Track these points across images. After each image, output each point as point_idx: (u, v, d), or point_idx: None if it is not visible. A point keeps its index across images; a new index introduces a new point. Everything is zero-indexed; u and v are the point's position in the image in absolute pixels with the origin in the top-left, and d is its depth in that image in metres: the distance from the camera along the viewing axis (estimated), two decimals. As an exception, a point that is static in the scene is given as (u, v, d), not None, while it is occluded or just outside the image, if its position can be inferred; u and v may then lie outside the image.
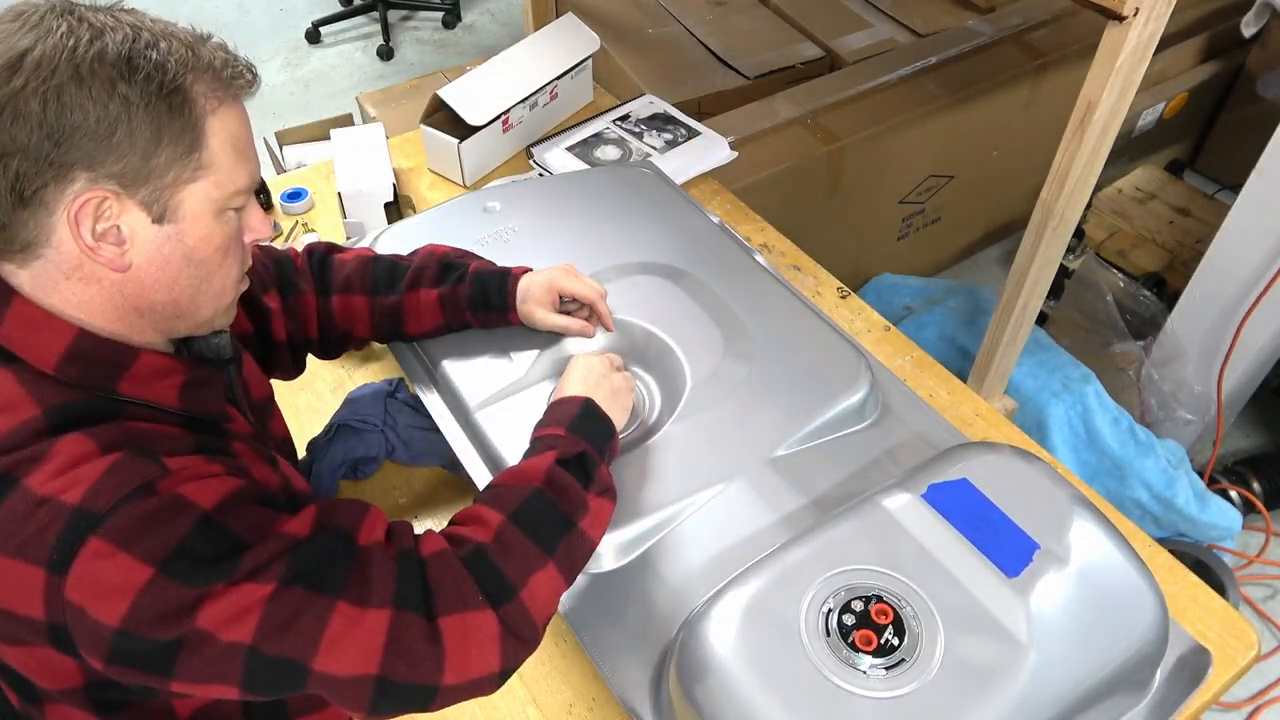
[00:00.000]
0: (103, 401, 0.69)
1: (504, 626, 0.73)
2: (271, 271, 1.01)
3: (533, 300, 1.07)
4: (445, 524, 0.81)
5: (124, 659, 0.63)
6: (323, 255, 1.07)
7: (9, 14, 0.65)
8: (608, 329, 1.11)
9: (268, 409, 0.95)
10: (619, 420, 0.97)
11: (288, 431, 0.99)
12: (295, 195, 1.60)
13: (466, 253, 1.12)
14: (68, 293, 0.68)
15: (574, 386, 0.96)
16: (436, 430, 1.16)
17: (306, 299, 1.03)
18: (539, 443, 0.90)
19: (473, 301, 1.06)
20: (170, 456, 0.67)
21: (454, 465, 1.18)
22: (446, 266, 1.07)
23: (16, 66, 0.61)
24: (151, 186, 0.66)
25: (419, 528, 1.11)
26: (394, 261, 1.07)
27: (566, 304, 1.10)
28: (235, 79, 0.70)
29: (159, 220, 0.67)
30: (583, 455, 0.87)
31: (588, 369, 0.98)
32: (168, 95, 0.65)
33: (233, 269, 0.74)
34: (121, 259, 0.67)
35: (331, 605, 0.67)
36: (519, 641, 0.74)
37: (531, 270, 1.09)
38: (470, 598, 0.72)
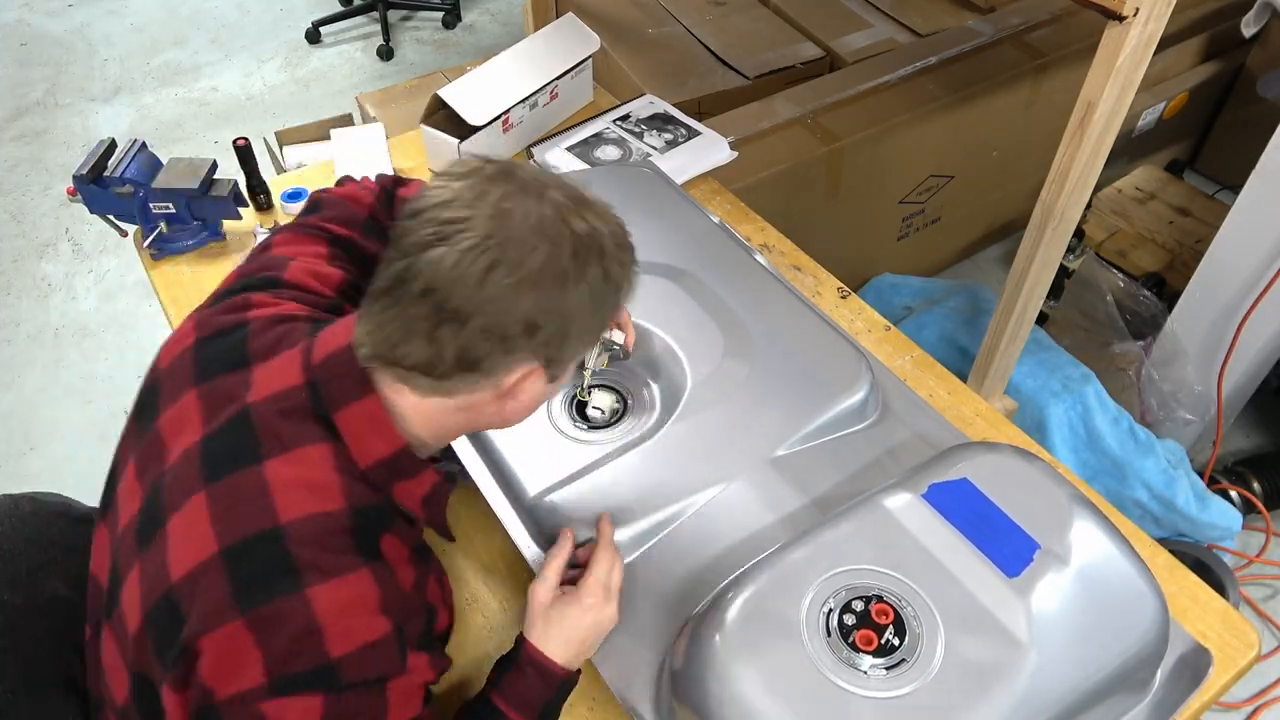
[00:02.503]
0: (384, 509, 0.74)
1: None
2: (361, 217, 1.00)
3: None
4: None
5: None
6: (390, 190, 1.05)
7: (470, 183, 0.70)
8: (626, 349, 1.06)
9: None
10: (584, 657, 0.88)
11: None
12: (295, 195, 1.60)
13: None
14: (440, 419, 0.74)
15: (563, 643, 0.85)
16: None
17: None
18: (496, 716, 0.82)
19: None
20: (410, 649, 0.71)
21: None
22: None
23: (521, 256, 0.67)
24: (566, 362, 0.75)
25: None
26: None
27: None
28: (636, 281, 0.79)
29: (552, 379, 0.75)
30: None
31: (592, 625, 0.86)
32: (618, 293, 0.75)
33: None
34: (518, 410, 0.75)
35: None
36: None
37: None
38: None
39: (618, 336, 1.04)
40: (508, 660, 0.85)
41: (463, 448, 1.05)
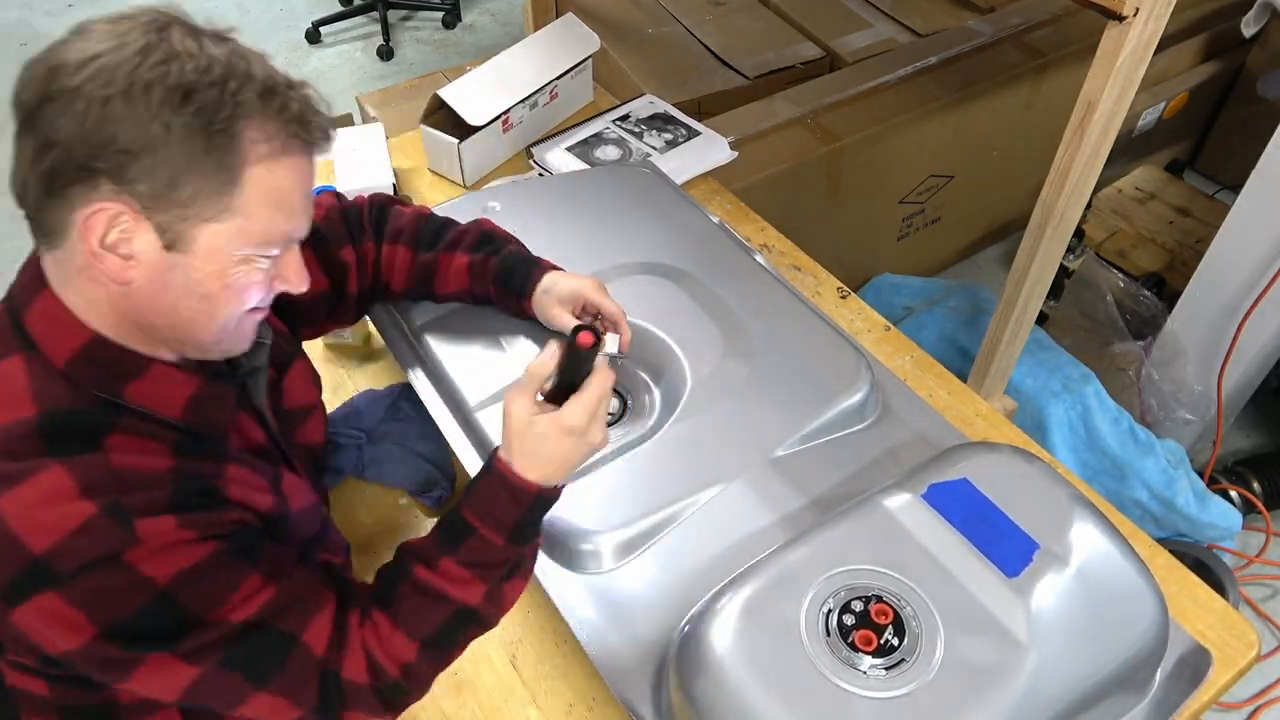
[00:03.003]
0: (101, 408, 0.70)
1: (394, 714, 0.80)
2: (342, 226, 1.03)
3: (554, 298, 1.04)
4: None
5: (59, 666, 0.70)
6: (382, 205, 1.08)
7: (112, 16, 0.66)
8: (622, 350, 1.05)
9: (303, 417, 0.94)
10: (566, 478, 0.81)
11: (322, 437, 0.99)
12: (295, 195, 1.60)
13: (513, 237, 1.12)
14: (78, 289, 0.69)
15: (530, 456, 0.78)
16: (419, 455, 1.16)
17: (367, 248, 1.05)
18: (471, 542, 0.78)
19: (497, 276, 1.06)
20: (143, 518, 0.67)
21: (420, 490, 1.18)
22: (486, 238, 1.08)
23: (81, 67, 0.63)
24: (171, 215, 0.66)
25: (377, 552, 1.11)
26: (444, 222, 1.09)
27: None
28: (297, 135, 0.70)
29: (169, 247, 0.67)
30: (518, 562, 0.81)
31: (575, 448, 0.79)
32: (213, 134, 0.65)
33: (239, 309, 0.73)
34: (123, 273, 0.67)
35: (254, 693, 0.72)
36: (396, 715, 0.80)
37: (562, 270, 1.07)
38: (374, 709, 0.78)
39: (611, 343, 1.03)
40: (481, 473, 0.80)
41: (462, 448, 1.05)
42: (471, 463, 1.04)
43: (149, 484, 0.69)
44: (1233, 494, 1.96)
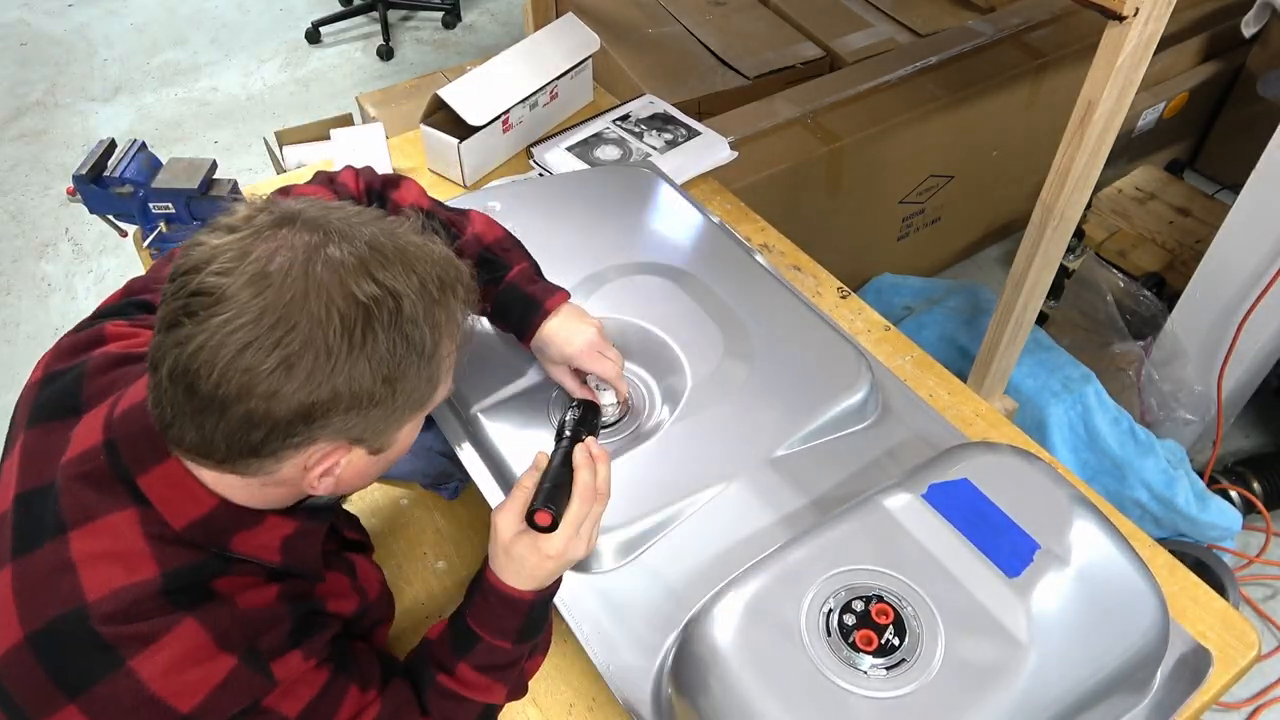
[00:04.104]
0: (213, 560, 0.68)
1: None
2: None
3: (547, 358, 1.02)
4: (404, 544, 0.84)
5: None
6: (380, 193, 1.01)
7: (274, 254, 0.61)
8: (621, 403, 1.05)
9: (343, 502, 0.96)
10: (568, 567, 0.82)
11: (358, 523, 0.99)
12: (295, 195, 1.60)
13: (513, 246, 1.05)
14: (246, 486, 0.67)
15: (521, 579, 0.79)
16: (430, 448, 1.16)
17: None
18: (482, 649, 0.80)
19: (496, 310, 1.02)
20: (276, 659, 0.68)
21: (434, 483, 1.17)
22: (485, 261, 1.01)
23: (292, 324, 0.59)
24: (387, 434, 0.68)
25: (386, 546, 1.10)
26: (446, 222, 1.00)
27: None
28: (474, 308, 0.71)
29: (376, 453, 0.69)
30: (532, 650, 0.85)
31: (558, 567, 0.79)
32: (426, 362, 0.65)
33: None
34: (324, 485, 0.68)
35: None
36: None
37: (567, 301, 1.02)
38: None
39: (609, 406, 1.03)
40: (475, 583, 0.82)
41: (464, 449, 1.05)
42: (472, 463, 1.04)
43: (273, 622, 0.69)
44: (1233, 494, 1.96)
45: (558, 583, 0.83)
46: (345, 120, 2.46)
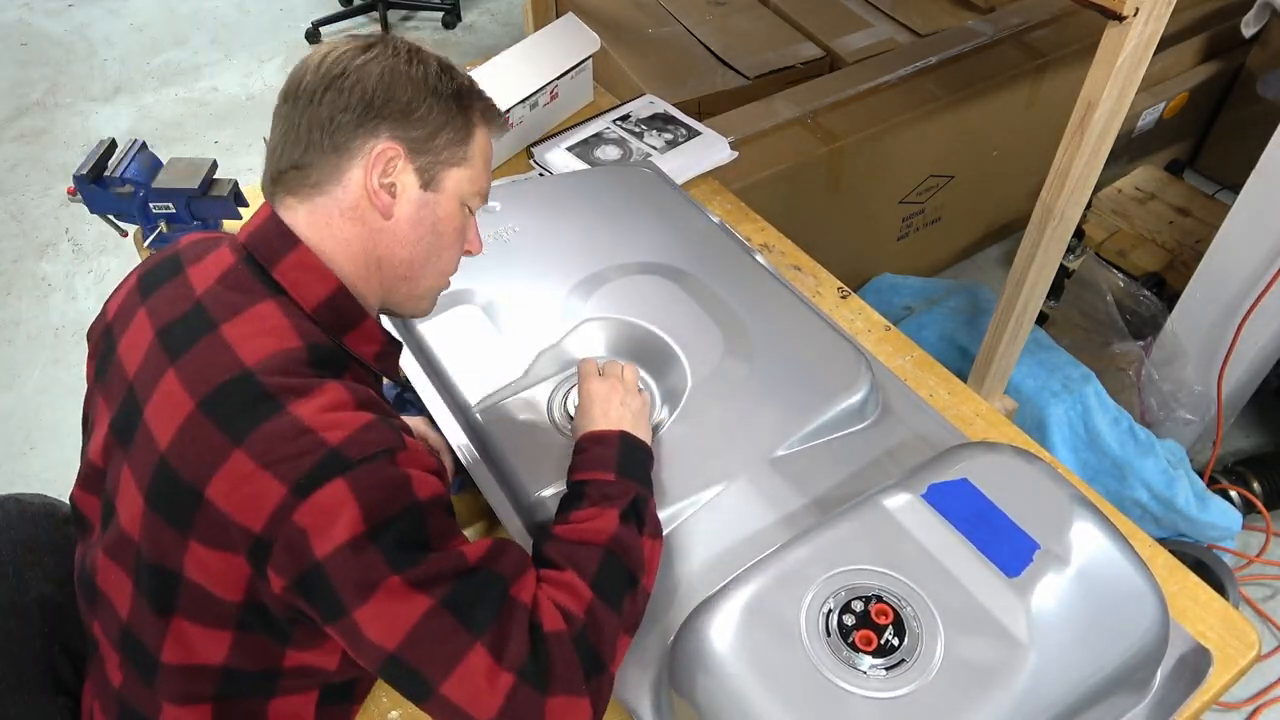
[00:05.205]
0: (339, 351, 0.82)
1: (594, 709, 0.77)
2: None
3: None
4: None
5: (305, 589, 0.71)
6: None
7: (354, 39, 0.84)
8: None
9: None
10: (649, 439, 0.98)
11: None
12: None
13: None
14: (337, 229, 0.82)
15: (599, 419, 0.96)
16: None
17: None
18: (590, 489, 0.89)
19: None
20: (403, 434, 0.76)
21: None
22: None
23: (366, 64, 0.80)
24: (429, 158, 0.83)
25: None
26: None
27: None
28: (497, 115, 0.89)
29: (425, 186, 0.83)
30: (636, 500, 0.89)
31: (606, 399, 0.98)
32: (460, 101, 0.84)
33: (456, 255, 0.90)
34: (390, 207, 0.82)
35: (471, 644, 0.72)
36: (598, 713, 0.78)
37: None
38: (576, 683, 0.75)
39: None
40: (574, 454, 0.94)
41: (457, 439, 1.05)
42: (472, 463, 1.04)
43: (393, 413, 0.79)
44: (1233, 494, 1.96)
45: (645, 442, 0.96)
46: (345, 120, 2.46)
